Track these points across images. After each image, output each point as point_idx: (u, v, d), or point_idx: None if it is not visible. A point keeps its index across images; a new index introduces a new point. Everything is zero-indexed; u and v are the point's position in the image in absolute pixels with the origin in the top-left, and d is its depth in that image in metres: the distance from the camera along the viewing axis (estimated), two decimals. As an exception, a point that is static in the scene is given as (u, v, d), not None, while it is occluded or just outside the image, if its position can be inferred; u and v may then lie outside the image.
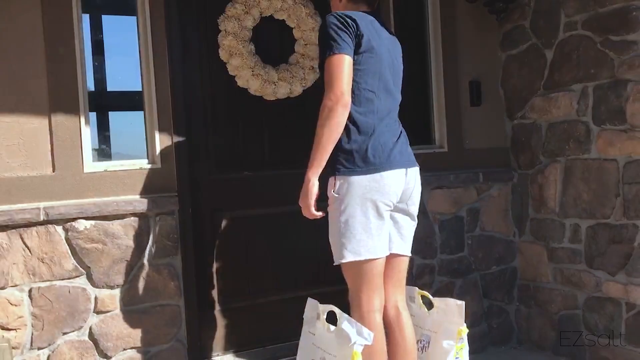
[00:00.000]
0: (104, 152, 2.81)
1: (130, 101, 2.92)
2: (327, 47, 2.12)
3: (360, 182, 2.13)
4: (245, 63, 2.95)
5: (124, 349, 2.67)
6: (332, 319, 2.21)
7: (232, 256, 3.05)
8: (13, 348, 2.44)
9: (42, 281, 2.53)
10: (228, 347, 3.14)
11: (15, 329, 2.48)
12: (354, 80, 2.16)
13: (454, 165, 3.44)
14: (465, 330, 2.43)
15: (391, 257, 2.29)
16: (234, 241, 3.05)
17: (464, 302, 2.44)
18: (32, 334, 2.51)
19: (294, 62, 3.10)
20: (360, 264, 2.16)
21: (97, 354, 2.62)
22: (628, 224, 2.97)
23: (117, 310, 2.66)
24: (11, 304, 2.48)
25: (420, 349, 2.42)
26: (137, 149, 2.84)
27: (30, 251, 2.52)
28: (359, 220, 2.14)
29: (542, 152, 3.40)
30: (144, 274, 2.71)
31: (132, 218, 2.68)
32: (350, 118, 2.15)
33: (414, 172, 2.31)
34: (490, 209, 3.54)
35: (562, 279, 3.32)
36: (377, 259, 2.18)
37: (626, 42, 2.92)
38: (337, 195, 2.15)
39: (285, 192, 2.75)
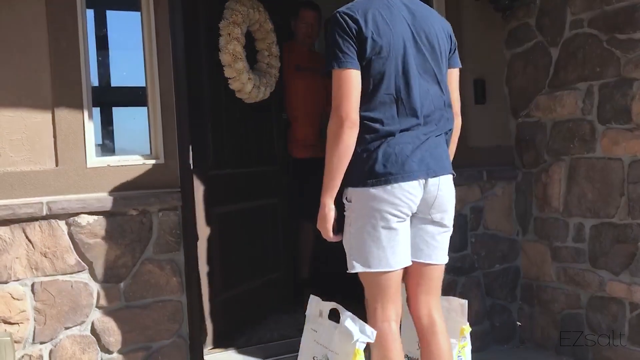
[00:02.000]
0: (107, 147, 2.81)
1: (133, 96, 2.92)
2: (332, 57, 2.02)
3: (369, 194, 2.02)
4: (245, 67, 3.12)
5: (126, 344, 2.67)
6: (334, 316, 2.20)
7: (232, 250, 3.09)
8: (15, 342, 2.44)
9: (45, 276, 2.54)
10: (230, 344, 3.15)
11: (17, 323, 2.48)
12: (366, 83, 2.03)
13: (457, 163, 3.35)
14: (468, 329, 2.42)
15: (421, 266, 2.18)
16: (229, 235, 3.13)
17: (466, 301, 2.42)
18: (35, 329, 2.52)
19: (263, 69, 3.36)
20: (372, 275, 2.09)
21: (99, 349, 2.62)
22: (632, 224, 2.95)
23: (119, 306, 2.66)
24: (14, 298, 2.48)
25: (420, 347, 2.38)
26: (140, 144, 2.84)
27: (33, 245, 2.52)
28: (367, 232, 2.05)
29: (546, 150, 3.39)
30: (146, 269, 2.70)
31: (135, 213, 2.68)
32: (362, 125, 2.02)
33: (437, 180, 2.11)
34: (494, 207, 3.53)
35: (566, 278, 3.30)
36: (389, 271, 2.08)
37: (632, 41, 2.90)
38: (348, 204, 2.08)
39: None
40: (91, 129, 2.68)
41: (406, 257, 2.12)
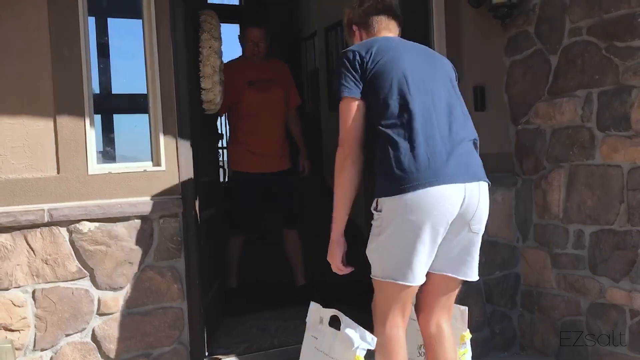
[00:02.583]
0: (108, 154, 2.82)
1: (135, 104, 2.93)
2: (336, 89, 2.12)
3: (400, 202, 1.97)
4: (219, 80, 3.21)
5: (127, 351, 2.67)
6: (334, 323, 2.20)
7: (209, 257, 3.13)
8: (16, 349, 2.44)
9: (46, 282, 2.54)
10: (231, 351, 3.15)
11: (18, 330, 2.49)
12: (376, 100, 2.07)
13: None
14: (468, 336, 2.42)
15: (449, 280, 2.18)
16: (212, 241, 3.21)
17: (467, 308, 2.42)
18: (35, 335, 2.52)
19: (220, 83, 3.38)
20: (393, 286, 2.07)
21: (99, 355, 2.62)
22: (632, 230, 2.96)
23: (120, 313, 2.66)
24: (15, 305, 2.49)
25: (422, 354, 2.38)
26: (142, 151, 2.85)
27: (34, 252, 2.52)
28: (397, 244, 2.02)
29: (546, 157, 3.40)
30: (147, 276, 2.71)
31: (136, 220, 2.69)
32: (383, 136, 2.03)
33: (477, 186, 2.07)
34: (494, 214, 3.50)
35: (566, 285, 3.31)
36: (410, 285, 2.07)
37: (631, 49, 2.92)
38: (377, 213, 2.05)
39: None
40: (92, 136, 2.69)
41: (424, 273, 2.09)
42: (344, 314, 2.17)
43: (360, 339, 2.03)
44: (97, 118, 2.77)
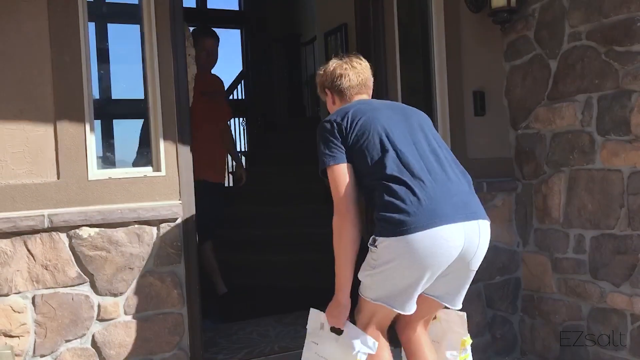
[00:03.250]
0: (108, 159, 2.82)
1: (135, 109, 2.93)
2: (320, 160, 2.17)
3: (396, 244, 2.00)
4: (191, 88, 3.20)
5: (126, 357, 2.66)
6: (335, 328, 2.20)
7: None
8: (16, 355, 2.44)
9: (46, 288, 2.53)
10: (231, 356, 3.14)
11: (18, 336, 2.48)
12: (361, 156, 2.12)
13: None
14: (469, 341, 2.42)
15: (438, 305, 2.27)
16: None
17: (465, 313, 2.41)
18: (35, 342, 2.51)
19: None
20: (382, 308, 2.12)
21: (99, 361, 2.62)
22: (633, 235, 2.95)
23: (120, 318, 2.66)
24: (15, 311, 2.48)
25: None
26: (141, 156, 2.84)
27: (34, 258, 2.52)
28: (392, 279, 2.07)
29: (546, 162, 3.40)
30: (147, 282, 2.70)
31: (136, 226, 2.68)
32: (380, 187, 2.06)
33: (477, 225, 2.08)
34: (494, 218, 3.50)
35: (566, 289, 3.30)
36: (396, 312, 2.14)
37: (631, 53, 2.92)
38: (374, 248, 2.08)
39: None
40: (92, 141, 2.69)
41: (414, 304, 2.14)
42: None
43: (361, 344, 2.04)
44: (97, 123, 2.77)
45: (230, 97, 8.54)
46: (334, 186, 2.12)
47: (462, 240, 2.03)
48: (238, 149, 8.37)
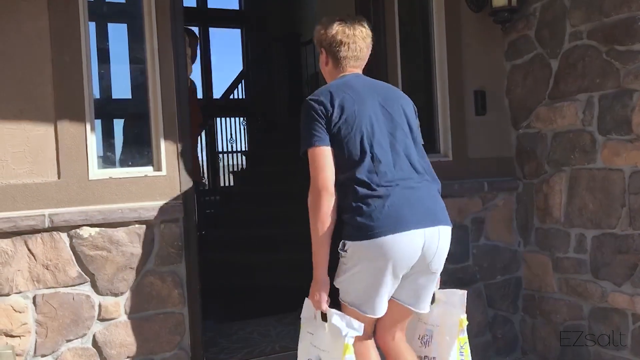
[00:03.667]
0: (109, 159, 2.81)
1: (135, 109, 2.93)
2: (303, 139, 2.18)
3: (363, 248, 2.09)
4: None
5: (128, 357, 2.66)
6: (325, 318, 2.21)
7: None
8: (17, 355, 2.43)
9: (47, 288, 2.53)
10: (232, 356, 3.14)
11: (19, 336, 2.48)
12: (342, 151, 2.15)
13: (458, 174, 3.43)
14: (465, 322, 2.39)
15: (407, 311, 2.30)
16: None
17: (465, 292, 2.40)
18: (36, 341, 2.51)
19: None
20: (357, 313, 2.18)
21: (100, 361, 2.62)
22: (634, 234, 2.95)
23: (121, 318, 2.66)
24: (15, 310, 2.48)
25: (423, 344, 2.44)
26: (142, 156, 2.84)
27: (35, 258, 2.52)
28: (360, 282, 2.15)
29: (547, 161, 3.39)
30: (147, 281, 2.70)
31: (137, 225, 2.68)
32: (349, 187, 2.13)
33: (435, 231, 2.16)
34: (495, 218, 3.53)
35: (567, 289, 3.30)
36: (370, 317, 2.19)
37: (632, 52, 2.92)
38: (344, 253, 2.14)
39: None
40: (93, 141, 2.69)
41: (385, 306, 2.21)
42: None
43: (347, 327, 2.10)
44: (98, 123, 2.77)
45: (231, 97, 8.54)
46: (315, 166, 2.14)
47: (422, 243, 2.12)
48: (238, 149, 8.40)
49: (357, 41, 2.32)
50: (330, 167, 2.14)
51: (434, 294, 2.39)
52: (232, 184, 8.00)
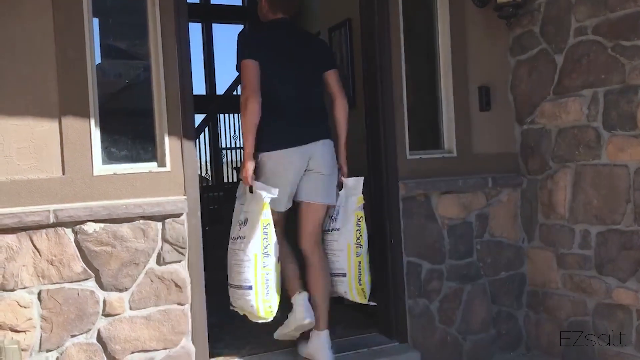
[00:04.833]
0: (113, 155, 2.82)
1: (140, 104, 2.92)
2: (237, 56, 2.88)
3: (269, 156, 2.85)
4: None
5: (132, 352, 2.67)
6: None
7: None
8: (22, 350, 2.44)
9: (52, 283, 2.54)
10: (235, 352, 3.14)
11: (24, 331, 2.49)
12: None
13: (462, 170, 3.43)
14: (362, 200, 3.07)
15: (307, 205, 3.00)
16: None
17: (362, 178, 3.10)
18: (41, 336, 2.52)
19: None
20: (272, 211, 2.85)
21: (105, 356, 2.62)
22: (639, 230, 2.94)
23: (125, 314, 2.66)
24: (21, 306, 2.49)
25: (332, 220, 3.10)
26: (146, 152, 2.84)
27: (39, 253, 2.53)
28: (270, 181, 2.84)
29: (551, 157, 3.38)
30: (152, 277, 2.71)
31: (141, 221, 2.69)
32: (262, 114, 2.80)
33: (319, 145, 2.92)
34: (499, 214, 3.53)
35: (572, 285, 3.30)
36: (279, 211, 2.93)
37: (637, 47, 2.91)
38: (261, 161, 2.87)
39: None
40: (97, 137, 2.69)
41: (289, 201, 2.97)
42: None
43: (266, 193, 2.73)
44: (102, 119, 2.76)
45: (234, 93, 8.54)
46: (246, 75, 2.82)
47: (309, 155, 2.89)
48: (240, 145, 8.37)
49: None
50: (256, 75, 2.83)
51: (339, 182, 3.09)
52: (235, 180, 8.00)
